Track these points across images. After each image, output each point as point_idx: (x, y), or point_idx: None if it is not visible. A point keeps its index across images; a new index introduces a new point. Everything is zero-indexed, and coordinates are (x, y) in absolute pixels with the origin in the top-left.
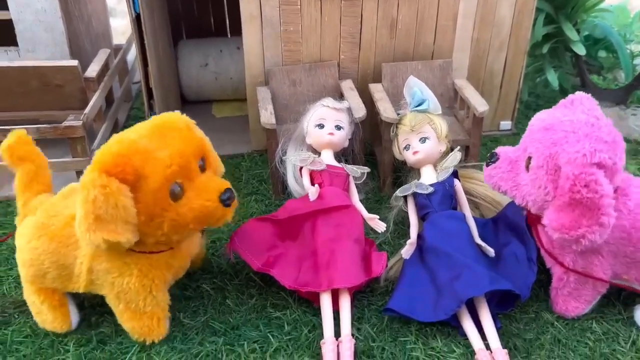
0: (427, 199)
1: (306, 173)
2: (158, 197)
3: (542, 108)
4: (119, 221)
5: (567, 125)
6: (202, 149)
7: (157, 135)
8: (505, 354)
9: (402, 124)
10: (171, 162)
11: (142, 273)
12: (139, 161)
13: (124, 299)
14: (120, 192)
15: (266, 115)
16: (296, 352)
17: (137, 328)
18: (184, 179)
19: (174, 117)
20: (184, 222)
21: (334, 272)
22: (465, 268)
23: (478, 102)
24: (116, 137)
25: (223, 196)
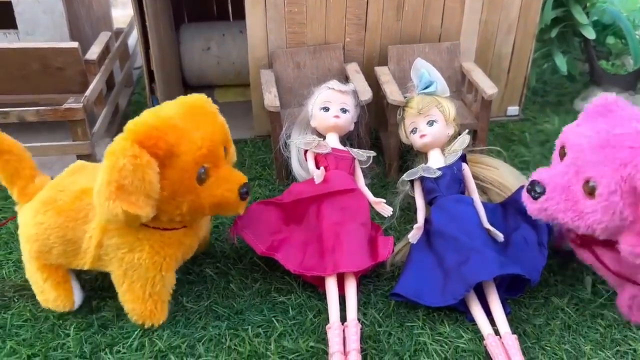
0: (434, 182)
1: (311, 156)
2: (185, 178)
3: (550, 95)
4: (141, 194)
5: (629, 139)
6: (226, 137)
7: (190, 116)
8: (515, 339)
9: (409, 107)
10: (202, 144)
11: (153, 250)
12: (174, 138)
13: (131, 277)
14: (149, 166)
15: (270, 97)
16: (301, 336)
17: (138, 310)
18: (210, 164)
19: (204, 100)
20: (202, 206)
21: (339, 256)
22: (473, 252)
23: (486, 84)
24: (151, 110)
25: (242, 189)
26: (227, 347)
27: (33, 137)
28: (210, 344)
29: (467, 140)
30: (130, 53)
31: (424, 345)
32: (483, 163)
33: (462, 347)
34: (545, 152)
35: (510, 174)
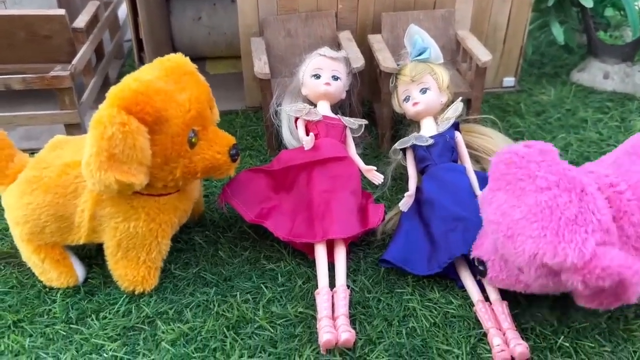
0: (426, 151)
1: (301, 124)
2: (176, 142)
3: (546, 66)
4: (134, 162)
5: (528, 225)
6: (210, 96)
7: (172, 78)
8: (505, 305)
9: (401, 75)
10: (190, 106)
11: (149, 217)
12: (161, 102)
13: (125, 246)
14: (139, 132)
15: (260, 65)
16: (290, 302)
17: (130, 276)
18: (200, 127)
19: (183, 60)
20: (194, 170)
21: (329, 223)
22: (460, 222)
23: (481, 52)
24: (132, 75)
25: (232, 151)
26: (215, 312)
27: (21, 109)
28: (198, 310)
29: (460, 108)
30: (121, 25)
31: (413, 311)
32: (476, 132)
33: (452, 312)
34: (541, 122)
35: (504, 143)
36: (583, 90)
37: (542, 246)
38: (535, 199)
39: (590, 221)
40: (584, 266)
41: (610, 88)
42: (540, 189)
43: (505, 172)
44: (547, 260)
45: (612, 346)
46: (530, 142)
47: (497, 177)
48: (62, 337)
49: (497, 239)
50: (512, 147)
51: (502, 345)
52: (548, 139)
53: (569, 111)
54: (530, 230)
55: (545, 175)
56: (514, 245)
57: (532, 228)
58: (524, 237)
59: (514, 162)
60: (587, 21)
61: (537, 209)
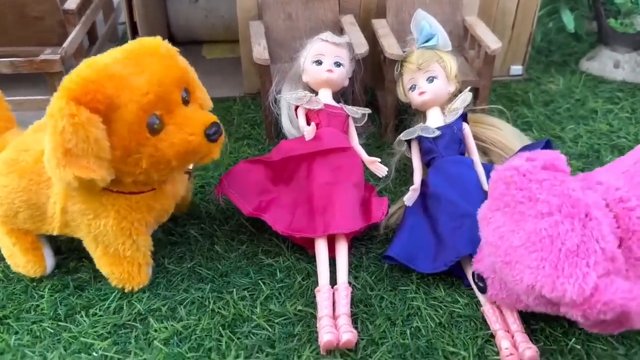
0: (432, 142)
1: (302, 113)
2: (133, 130)
3: (555, 54)
4: (91, 156)
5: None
6: (185, 79)
7: (134, 60)
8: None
9: (407, 62)
10: (148, 89)
11: (120, 215)
12: (112, 88)
13: (102, 242)
14: (90, 123)
15: (259, 50)
16: (288, 299)
17: (117, 273)
18: (163, 111)
19: (154, 42)
20: (165, 158)
21: (330, 217)
22: (468, 218)
23: (490, 39)
24: (87, 61)
25: (209, 130)
26: (211, 310)
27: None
28: (192, 307)
29: (468, 98)
30: (115, 6)
31: (417, 310)
32: (485, 123)
33: (458, 312)
34: (549, 113)
35: (514, 135)
36: (593, 80)
37: (540, 279)
38: (535, 226)
39: (593, 251)
40: (584, 302)
41: (620, 77)
42: (540, 215)
43: (504, 192)
44: (545, 293)
45: (625, 349)
46: (535, 154)
47: (497, 196)
48: (50, 335)
49: (494, 263)
50: (514, 161)
51: (510, 348)
52: (557, 130)
53: (578, 101)
54: (529, 260)
55: (547, 199)
56: (511, 273)
57: (530, 258)
58: (522, 266)
59: (515, 181)
60: (597, 8)
61: (536, 237)
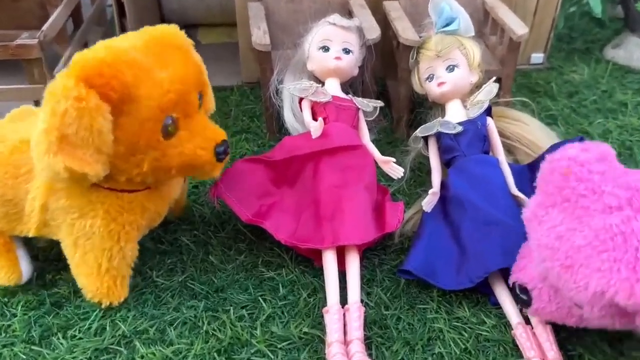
0: (454, 140)
1: (307, 106)
2: (146, 129)
3: (577, 41)
4: (89, 147)
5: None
6: (202, 80)
7: (155, 51)
8: (550, 330)
9: (425, 49)
10: (170, 87)
11: (109, 216)
12: (132, 77)
13: (83, 248)
14: (99, 111)
15: (259, 34)
16: (292, 319)
17: (93, 286)
18: (180, 114)
19: (174, 32)
20: (167, 166)
21: (339, 226)
22: (496, 226)
23: (515, 23)
24: (104, 42)
25: (219, 148)
26: (205, 331)
27: None
28: (184, 328)
29: (494, 90)
30: None
31: (439, 333)
32: (509, 117)
33: (485, 335)
34: (574, 105)
35: (541, 130)
36: (619, 69)
37: (613, 283)
38: (603, 223)
39: None
40: None
41: None
42: (609, 209)
43: (561, 185)
44: (619, 300)
45: None
46: (586, 145)
47: (551, 190)
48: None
49: (550, 268)
50: (566, 150)
51: None
52: (584, 124)
53: (605, 93)
54: (598, 262)
55: (614, 192)
56: (573, 279)
57: (600, 259)
58: (588, 269)
59: (574, 172)
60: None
61: (606, 235)
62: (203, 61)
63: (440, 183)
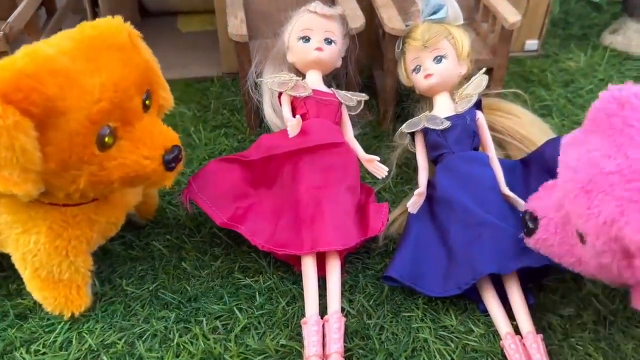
0: (441, 136)
1: (286, 101)
2: (76, 144)
3: (573, 27)
4: (15, 167)
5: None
6: (148, 77)
7: (86, 53)
8: (540, 340)
9: (411, 38)
10: (101, 95)
11: (53, 231)
12: (55, 88)
13: (32, 263)
14: (19, 129)
15: (235, 24)
16: (269, 330)
17: (51, 299)
18: (118, 122)
19: (114, 28)
20: (107, 179)
21: (319, 230)
22: (486, 228)
23: (507, 10)
24: (26, 48)
25: (168, 155)
26: (175, 345)
27: None
28: (153, 341)
29: (484, 82)
30: None
31: (424, 343)
32: (500, 109)
33: (472, 345)
34: (570, 95)
35: (534, 124)
36: (617, 56)
37: (628, 214)
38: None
39: None
40: None
41: None
42: None
43: (612, 112)
44: (627, 232)
45: None
46: None
47: (600, 117)
48: None
49: (570, 190)
50: (634, 86)
51: None
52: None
53: (602, 81)
54: (621, 191)
55: None
56: (588, 204)
57: (623, 188)
58: (607, 196)
59: (631, 102)
60: None
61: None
62: (183, 50)
63: (427, 182)
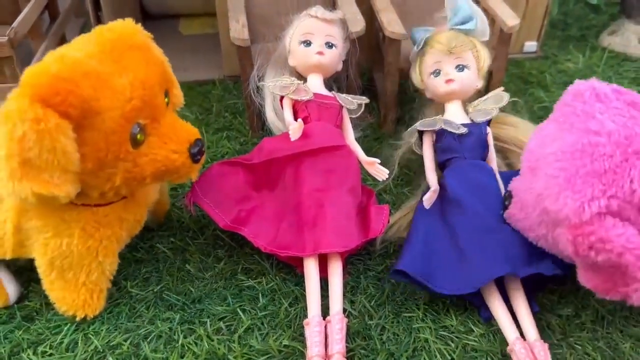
0: (457, 140)
1: (288, 104)
2: (112, 142)
3: (572, 28)
4: (55, 169)
5: (552, 162)
6: (166, 76)
7: (111, 55)
8: (546, 349)
9: (435, 41)
10: (132, 94)
11: (86, 233)
12: (90, 89)
13: (60, 266)
14: (60, 131)
15: (237, 28)
16: (273, 331)
17: (69, 300)
18: (148, 119)
19: (131, 29)
20: (141, 176)
21: (321, 233)
22: (497, 234)
23: (506, 13)
24: (54, 54)
25: (193, 149)
26: (180, 345)
27: None
28: (158, 342)
29: (505, 99)
30: None
31: (424, 343)
32: (502, 122)
33: (473, 345)
34: None
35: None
36: (615, 57)
37: (549, 187)
38: (575, 138)
39: (618, 185)
40: (579, 226)
41: None
42: (587, 131)
43: (568, 103)
44: (547, 204)
45: None
46: (626, 90)
47: (559, 106)
48: None
49: (522, 167)
50: (596, 82)
51: None
52: None
53: None
54: (551, 169)
55: (602, 120)
56: (531, 179)
57: (553, 166)
58: (542, 173)
59: (582, 95)
60: None
61: (569, 148)
62: (185, 53)
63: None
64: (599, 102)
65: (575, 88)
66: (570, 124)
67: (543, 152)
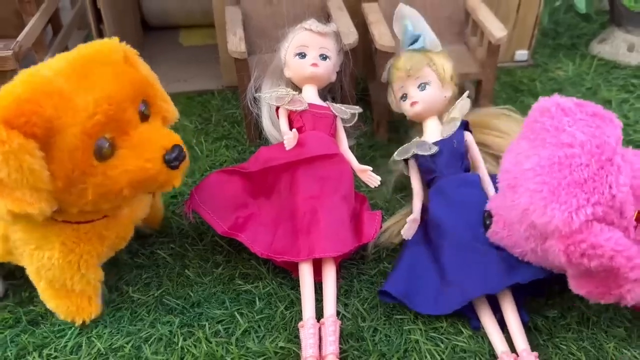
0: (430, 161)
1: (283, 114)
2: (76, 158)
3: (562, 37)
4: (25, 187)
5: (532, 177)
6: (143, 90)
7: (81, 72)
8: (535, 358)
9: (395, 68)
10: (95, 110)
11: (66, 247)
12: (51, 108)
13: (46, 276)
14: (24, 151)
15: (234, 41)
16: (269, 334)
17: (63, 307)
18: (114, 133)
19: (108, 47)
20: (115, 188)
21: (316, 238)
22: (476, 254)
23: (494, 26)
24: (24, 73)
25: (169, 155)
26: (180, 348)
27: None
28: (159, 345)
29: (467, 105)
30: None
31: (415, 344)
32: (490, 127)
33: (462, 346)
34: None
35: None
36: (605, 65)
37: (534, 202)
38: (550, 153)
39: (599, 192)
40: (570, 235)
41: (635, 62)
42: (561, 144)
43: (536, 119)
44: (534, 218)
45: None
46: (586, 102)
47: (527, 124)
48: None
49: (501, 187)
50: (559, 97)
51: None
52: None
53: (589, 90)
54: (532, 184)
55: (573, 132)
56: (512, 197)
57: (534, 181)
58: (523, 189)
59: (549, 111)
60: None
61: (547, 162)
62: (185, 64)
63: (423, 206)
64: (565, 115)
65: (540, 105)
66: (542, 140)
67: (520, 169)
